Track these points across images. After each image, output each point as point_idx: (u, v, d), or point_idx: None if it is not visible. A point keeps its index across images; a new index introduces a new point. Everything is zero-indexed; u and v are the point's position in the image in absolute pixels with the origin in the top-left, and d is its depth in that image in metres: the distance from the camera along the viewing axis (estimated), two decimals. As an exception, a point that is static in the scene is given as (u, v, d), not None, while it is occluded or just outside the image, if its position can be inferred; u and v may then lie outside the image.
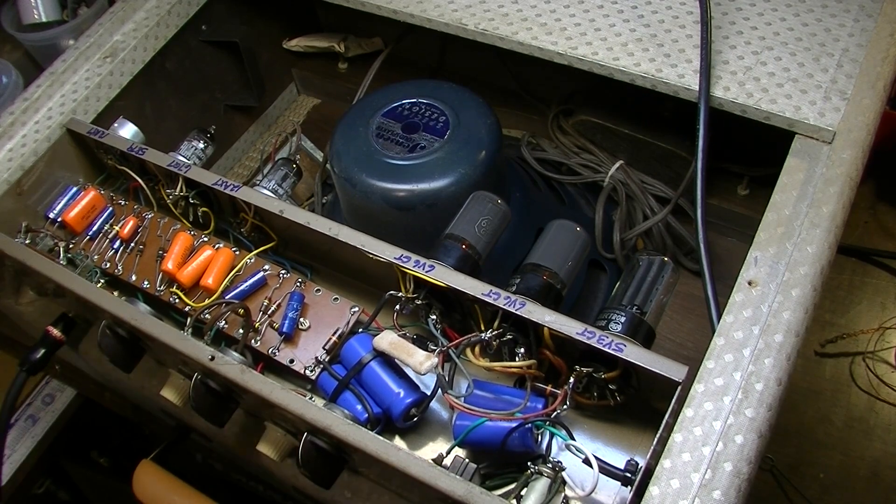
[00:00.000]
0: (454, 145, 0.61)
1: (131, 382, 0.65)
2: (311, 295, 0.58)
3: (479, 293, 0.49)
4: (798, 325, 0.46)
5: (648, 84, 0.58)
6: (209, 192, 0.61)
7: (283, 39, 0.89)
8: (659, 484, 0.41)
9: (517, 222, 0.62)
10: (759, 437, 0.42)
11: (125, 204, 0.66)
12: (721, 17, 0.60)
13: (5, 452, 0.83)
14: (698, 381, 0.44)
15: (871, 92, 0.54)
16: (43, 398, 1.01)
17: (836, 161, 0.52)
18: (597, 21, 0.62)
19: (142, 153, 0.62)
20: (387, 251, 0.52)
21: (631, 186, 0.69)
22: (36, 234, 0.65)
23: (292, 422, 0.50)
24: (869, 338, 0.76)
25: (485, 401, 0.50)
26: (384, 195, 0.60)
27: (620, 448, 0.52)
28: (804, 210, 0.50)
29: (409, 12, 0.66)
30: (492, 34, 0.63)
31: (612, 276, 0.68)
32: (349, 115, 0.66)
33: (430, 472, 0.43)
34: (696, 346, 0.64)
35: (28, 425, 0.99)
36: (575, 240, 0.53)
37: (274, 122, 0.90)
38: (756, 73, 0.56)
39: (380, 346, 0.52)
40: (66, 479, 1.06)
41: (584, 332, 0.46)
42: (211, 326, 0.56)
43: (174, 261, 0.59)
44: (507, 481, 0.49)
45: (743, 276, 0.48)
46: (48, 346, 0.61)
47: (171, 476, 0.73)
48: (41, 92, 0.69)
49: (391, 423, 0.53)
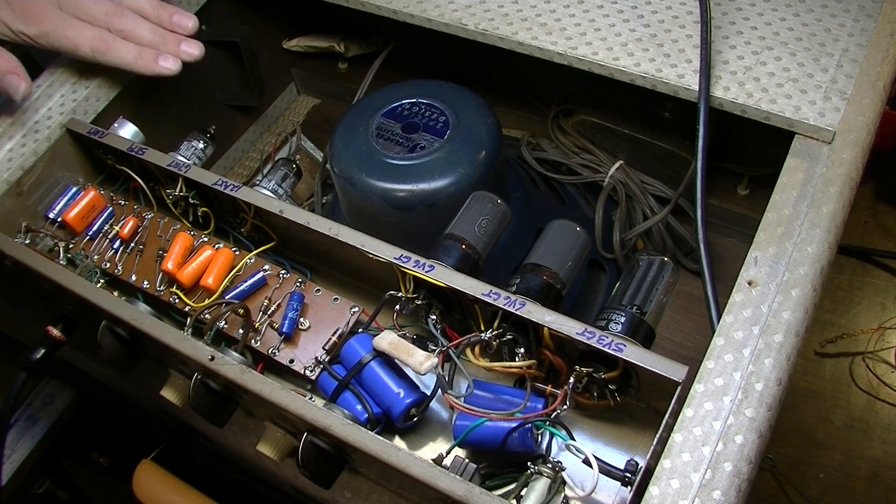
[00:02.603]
0: (454, 145, 0.61)
1: (131, 382, 0.65)
2: (311, 295, 0.58)
3: (479, 293, 0.49)
4: (798, 325, 0.46)
5: (648, 84, 0.58)
6: (209, 192, 0.61)
7: (283, 39, 0.89)
8: (659, 484, 0.41)
9: (517, 222, 0.62)
10: (759, 437, 0.42)
11: (125, 204, 0.66)
12: (721, 17, 0.60)
13: (5, 452, 0.83)
14: (698, 381, 0.44)
15: (871, 92, 0.54)
16: (43, 398, 1.01)
17: (836, 161, 0.52)
18: (597, 21, 0.62)
19: (142, 153, 0.62)
20: (387, 251, 0.52)
21: (631, 186, 0.69)
22: (36, 234, 0.65)
23: (292, 422, 0.50)
24: (869, 338, 0.76)
25: (485, 401, 0.50)
26: (384, 195, 0.60)
27: (620, 448, 0.52)
28: (804, 210, 0.50)
29: (409, 12, 0.66)
30: (492, 34, 0.63)
31: (612, 276, 0.68)
32: (349, 115, 0.66)
33: (430, 472, 0.43)
34: (696, 346, 0.64)
35: (28, 425, 0.99)
36: (575, 240, 0.53)
37: (274, 122, 0.90)
38: (756, 73, 0.56)
39: (380, 346, 0.52)
40: (66, 479, 1.06)
41: (584, 332, 0.46)
42: (211, 326, 0.56)
43: (174, 261, 0.59)
44: (507, 481, 0.49)
45: (743, 276, 0.48)
46: (48, 346, 0.61)
47: (171, 476, 0.73)
48: (41, 92, 0.68)
49: (391, 423, 0.53)
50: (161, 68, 0.63)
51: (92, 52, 0.62)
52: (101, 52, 0.62)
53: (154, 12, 0.66)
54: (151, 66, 0.63)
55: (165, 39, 0.65)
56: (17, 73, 0.61)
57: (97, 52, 0.62)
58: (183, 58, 0.65)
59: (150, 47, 0.64)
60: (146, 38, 0.64)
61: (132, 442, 1.04)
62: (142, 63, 0.63)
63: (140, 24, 0.64)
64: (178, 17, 0.66)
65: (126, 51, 0.63)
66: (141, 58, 0.63)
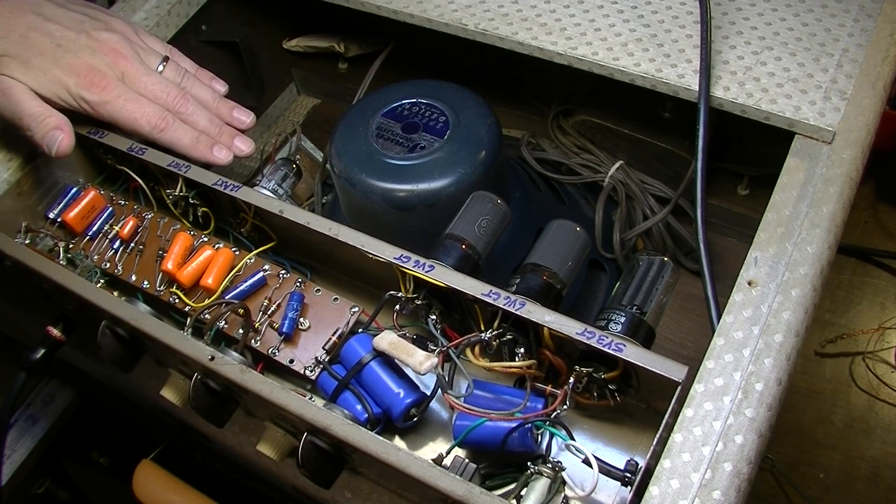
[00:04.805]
0: (454, 145, 0.61)
1: (131, 382, 0.65)
2: (311, 295, 0.58)
3: (479, 293, 0.49)
4: (798, 325, 0.46)
5: (648, 84, 0.58)
6: (209, 192, 0.61)
7: (283, 39, 0.89)
8: (659, 484, 0.41)
9: (517, 222, 0.62)
10: (759, 437, 0.42)
11: (125, 204, 0.66)
12: (721, 17, 0.60)
13: (5, 452, 0.83)
14: (698, 381, 0.44)
15: (871, 92, 0.54)
16: (43, 398, 1.00)
17: (836, 161, 0.52)
18: (597, 21, 0.62)
19: (142, 153, 0.62)
20: (387, 251, 0.52)
21: (631, 186, 0.69)
22: (36, 234, 0.65)
23: (292, 422, 0.50)
24: (869, 338, 0.76)
25: (485, 401, 0.50)
26: (384, 195, 0.60)
27: (620, 448, 0.52)
28: (804, 210, 0.50)
29: (409, 12, 0.66)
30: (492, 34, 0.63)
31: (612, 276, 0.68)
32: (349, 115, 0.66)
33: (430, 472, 0.43)
34: (696, 346, 0.64)
35: (28, 425, 0.98)
36: (575, 240, 0.53)
37: (274, 122, 0.90)
38: (756, 73, 0.56)
39: (380, 346, 0.52)
40: (66, 479, 1.06)
41: (583, 332, 0.46)
42: (211, 326, 0.56)
43: (174, 261, 0.59)
44: (507, 481, 0.49)
45: (743, 276, 0.48)
46: (48, 346, 0.61)
47: (171, 476, 0.73)
48: (41, 92, 0.68)
49: (391, 423, 0.53)
50: (215, 158, 0.64)
51: (151, 128, 0.62)
52: (160, 129, 0.62)
53: (214, 104, 0.67)
54: (206, 153, 0.64)
55: (222, 130, 0.66)
56: (63, 129, 0.61)
57: (156, 129, 0.62)
58: (235, 152, 0.65)
59: (207, 135, 0.65)
60: (203, 126, 0.65)
61: (132, 442, 1.04)
62: (198, 149, 0.63)
63: (200, 111, 0.65)
64: (237, 112, 0.68)
65: (184, 133, 0.63)
66: (198, 143, 0.63)
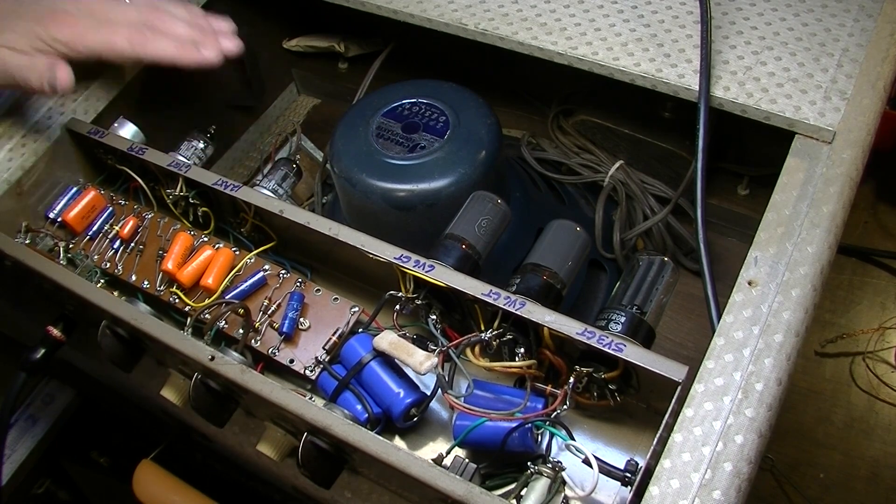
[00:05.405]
0: (454, 145, 0.61)
1: (131, 382, 0.65)
2: (311, 295, 0.58)
3: (479, 293, 0.49)
4: (798, 325, 0.46)
5: (648, 84, 0.58)
6: (209, 192, 0.61)
7: (283, 39, 0.89)
8: (659, 484, 0.41)
9: (517, 222, 0.62)
10: (759, 437, 0.42)
11: (125, 204, 0.66)
12: (721, 17, 0.60)
13: (5, 452, 0.83)
14: (698, 381, 0.44)
15: (871, 92, 0.54)
16: (43, 398, 1.01)
17: (836, 161, 0.52)
18: (597, 21, 0.62)
19: (142, 153, 0.62)
20: (387, 251, 0.52)
21: (631, 186, 0.69)
22: (36, 234, 0.65)
23: (292, 422, 0.50)
24: (869, 338, 0.76)
25: (485, 401, 0.50)
26: (384, 195, 0.60)
27: (620, 448, 0.52)
28: (804, 210, 0.50)
29: (409, 12, 0.66)
30: (492, 34, 0.63)
31: (612, 276, 0.68)
32: (349, 115, 0.66)
33: (430, 472, 0.43)
34: (696, 346, 0.64)
35: (28, 425, 0.98)
36: (575, 240, 0.53)
37: (274, 122, 0.90)
38: (756, 73, 0.56)
39: (380, 346, 0.52)
40: (66, 479, 1.06)
41: (584, 332, 0.46)
42: (211, 326, 0.56)
43: (174, 261, 0.59)
44: (507, 481, 0.49)
45: (743, 276, 0.48)
46: (48, 346, 0.61)
47: (171, 476, 0.73)
48: (41, 92, 0.68)
49: (391, 423, 0.53)
50: (204, 57, 0.60)
51: (131, 45, 0.59)
52: (141, 44, 0.59)
53: (189, 15, 0.63)
54: (194, 55, 0.60)
55: (205, 33, 0.62)
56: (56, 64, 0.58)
57: (136, 44, 0.59)
58: (224, 51, 0.62)
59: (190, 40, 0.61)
60: (184, 32, 0.61)
61: (132, 442, 1.04)
62: (185, 54, 0.60)
63: (176, 21, 0.62)
64: (213, 20, 0.65)
65: (167, 43, 0.60)
66: (184, 49, 0.60)
